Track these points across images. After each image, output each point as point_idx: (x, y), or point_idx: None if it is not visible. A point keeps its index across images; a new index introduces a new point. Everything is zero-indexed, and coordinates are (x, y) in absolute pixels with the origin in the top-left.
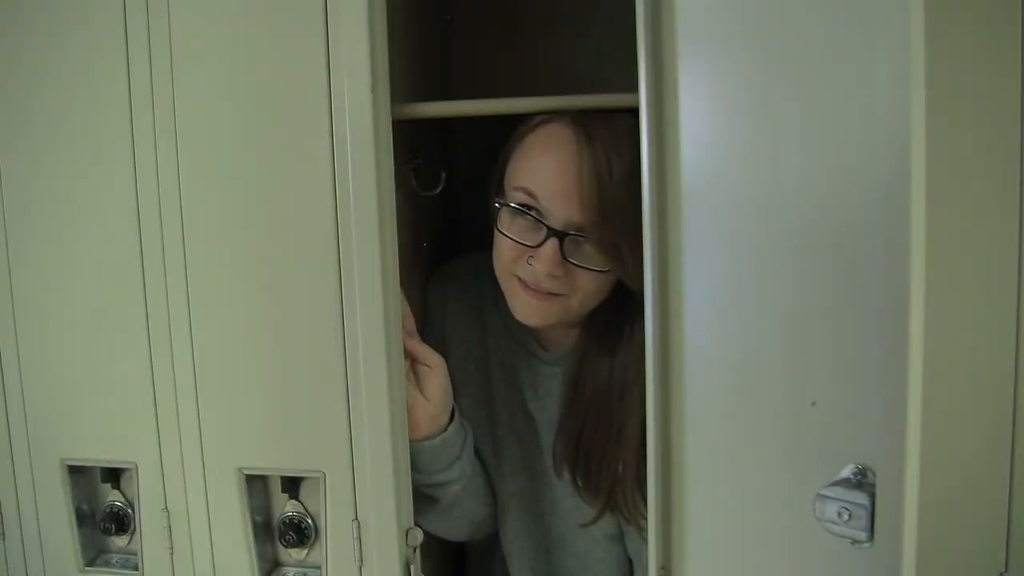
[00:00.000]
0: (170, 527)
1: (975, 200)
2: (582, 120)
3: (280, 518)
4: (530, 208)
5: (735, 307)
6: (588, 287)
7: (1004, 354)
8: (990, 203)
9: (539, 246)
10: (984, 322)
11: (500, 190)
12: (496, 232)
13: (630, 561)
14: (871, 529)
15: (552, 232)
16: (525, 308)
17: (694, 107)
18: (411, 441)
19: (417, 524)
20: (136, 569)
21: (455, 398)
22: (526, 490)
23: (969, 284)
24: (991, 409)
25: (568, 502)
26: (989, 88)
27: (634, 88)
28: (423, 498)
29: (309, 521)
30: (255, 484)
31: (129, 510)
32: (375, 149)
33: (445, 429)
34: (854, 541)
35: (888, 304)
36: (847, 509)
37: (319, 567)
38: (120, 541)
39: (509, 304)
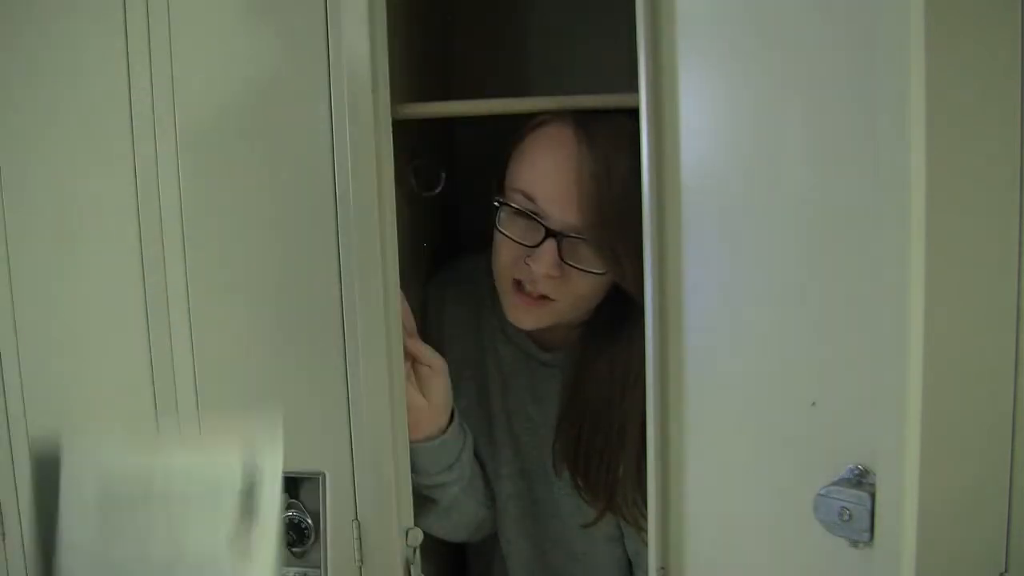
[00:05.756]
0: None
1: (975, 199)
2: (582, 120)
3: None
4: (529, 208)
5: (735, 307)
6: (583, 289)
7: (1004, 354)
8: (990, 203)
9: (537, 246)
10: (984, 322)
11: (500, 190)
12: (495, 231)
13: (630, 562)
14: (871, 529)
15: (550, 233)
16: (518, 311)
17: (694, 107)
18: (411, 442)
19: (416, 525)
20: None
21: (453, 399)
22: (525, 492)
23: (969, 284)
24: (991, 409)
25: (568, 504)
26: (989, 88)
27: (634, 88)
28: (422, 499)
29: (309, 521)
30: None
31: None
32: (375, 149)
33: (445, 430)
34: (854, 541)
35: (888, 304)
36: (847, 509)
37: (319, 567)
38: None
39: (503, 306)
